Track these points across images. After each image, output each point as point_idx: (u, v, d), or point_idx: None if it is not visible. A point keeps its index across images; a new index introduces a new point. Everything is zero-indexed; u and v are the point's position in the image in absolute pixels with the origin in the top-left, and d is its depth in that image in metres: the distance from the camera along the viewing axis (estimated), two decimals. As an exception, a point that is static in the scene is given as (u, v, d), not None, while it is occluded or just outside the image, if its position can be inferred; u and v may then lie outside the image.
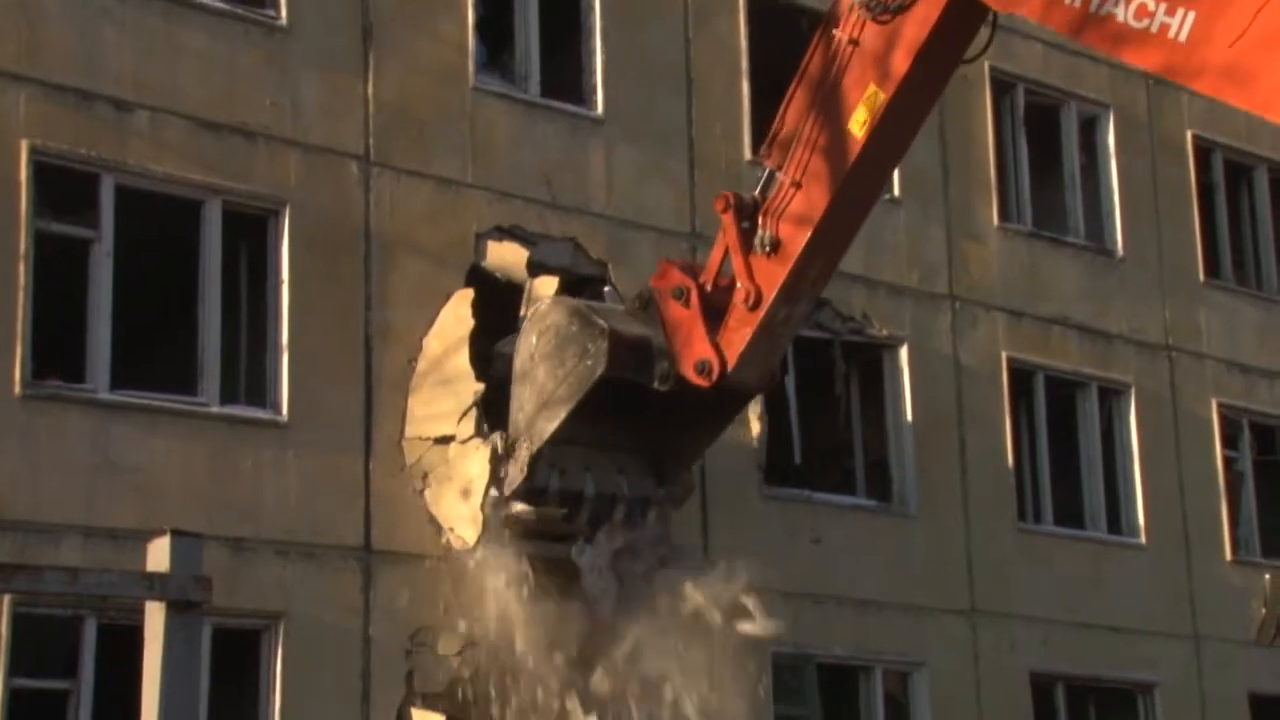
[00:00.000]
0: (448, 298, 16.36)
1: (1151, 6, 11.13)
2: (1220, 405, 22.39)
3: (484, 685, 15.81)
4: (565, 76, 17.95)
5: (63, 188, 14.81)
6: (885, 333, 19.57)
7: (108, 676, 13.88)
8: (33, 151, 14.55)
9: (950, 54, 13.35)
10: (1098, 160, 22.20)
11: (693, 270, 14.88)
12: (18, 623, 13.80)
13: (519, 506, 16.06)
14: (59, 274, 14.69)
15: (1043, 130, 21.69)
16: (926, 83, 13.43)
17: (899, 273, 19.80)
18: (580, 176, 17.58)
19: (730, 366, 14.42)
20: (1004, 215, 20.99)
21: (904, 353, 19.69)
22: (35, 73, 14.70)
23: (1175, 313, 22.27)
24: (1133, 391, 21.58)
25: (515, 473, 15.28)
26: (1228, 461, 22.36)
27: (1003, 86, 21.30)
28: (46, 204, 14.69)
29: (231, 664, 14.71)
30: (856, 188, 13.80)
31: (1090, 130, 22.21)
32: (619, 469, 15.69)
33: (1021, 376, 20.69)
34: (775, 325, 14.31)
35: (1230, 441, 22.51)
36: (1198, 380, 22.26)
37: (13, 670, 13.81)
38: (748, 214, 14.22)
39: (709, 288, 14.52)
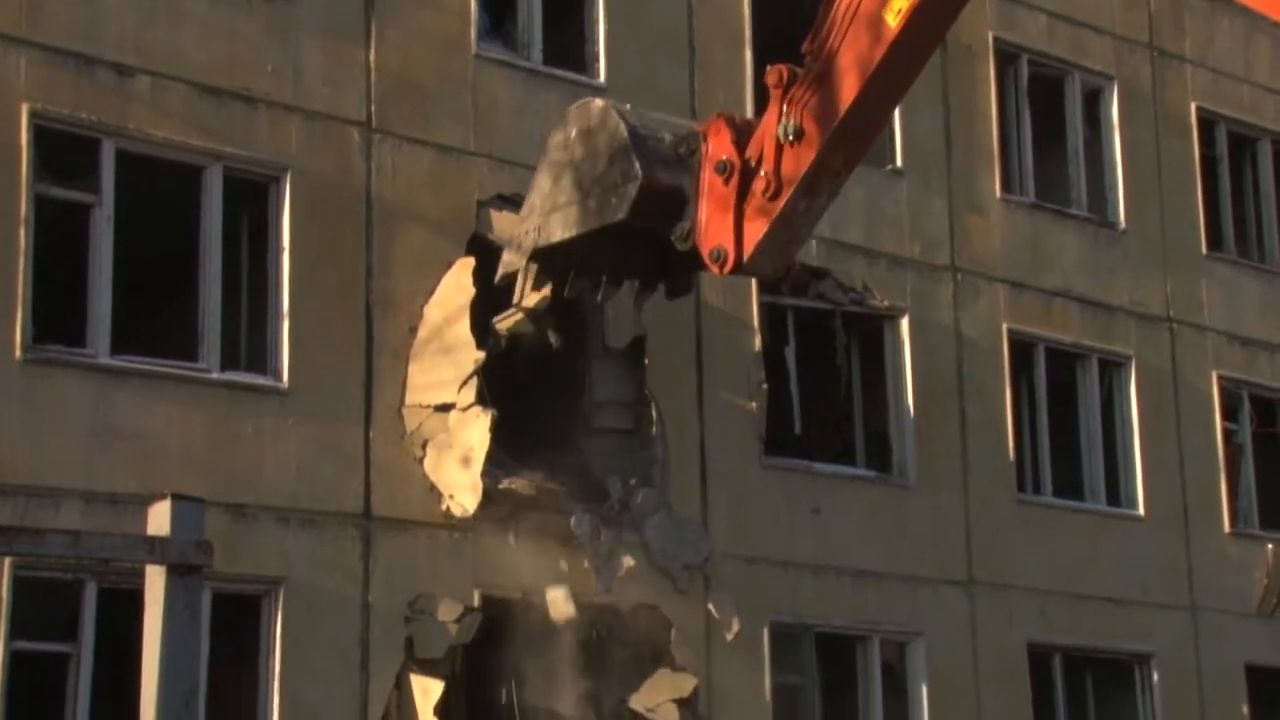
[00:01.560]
0: (449, 266, 16.34)
1: None
2: (1221, 378, 22.39)
3: (485, 652, 15.85)
4: (567, 45, 17.89)
5: (63, 152, 14.78)
6: (886, 304, 19.54)
7: (108, 640, 13.91)
8: (33, 115, 14.53)
9: None
10: (1101, 132, 22.15)
11: (746, 135, 13.83)
12: (18, 586, 13.82)
13: (518, 481, 16.02)
14: (59, 239, 14.67)
15: (1046, 102, 21.63)
16: None
17: (900, 244, 19.77)
18: (582, 145, 17.51)
19: (746, 258, 13.99)
20: (1006, 187, 20.94)
21: (905, 324, 19.68)
22: (36, 36, 14.66)
23: (1177, 285, 22.25)
24: (1133, 364, 21.57)
25: (515, 259, 14.79)
26: (1227, 434, 22.38)
27: (1007, 58, 21.24)
28: (47, 168, 14.66)
29: (231, 629, 14.73)
30: (885, 80, 13.05)
31: (1094, 102, 22.16)
32: (625, 250, 15.18)
33: (1022, 348, 20.68)
34: (795, 217, 13.56)
35: (1230, 414, 22.52)
36: (1198, 353, 22.26)
37: (13, 633, 13.83)
38: None
39: (753, 162, 13.59)
